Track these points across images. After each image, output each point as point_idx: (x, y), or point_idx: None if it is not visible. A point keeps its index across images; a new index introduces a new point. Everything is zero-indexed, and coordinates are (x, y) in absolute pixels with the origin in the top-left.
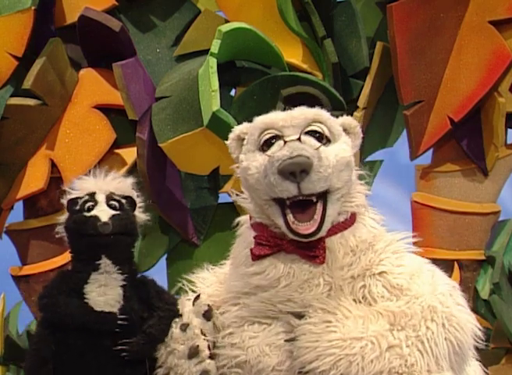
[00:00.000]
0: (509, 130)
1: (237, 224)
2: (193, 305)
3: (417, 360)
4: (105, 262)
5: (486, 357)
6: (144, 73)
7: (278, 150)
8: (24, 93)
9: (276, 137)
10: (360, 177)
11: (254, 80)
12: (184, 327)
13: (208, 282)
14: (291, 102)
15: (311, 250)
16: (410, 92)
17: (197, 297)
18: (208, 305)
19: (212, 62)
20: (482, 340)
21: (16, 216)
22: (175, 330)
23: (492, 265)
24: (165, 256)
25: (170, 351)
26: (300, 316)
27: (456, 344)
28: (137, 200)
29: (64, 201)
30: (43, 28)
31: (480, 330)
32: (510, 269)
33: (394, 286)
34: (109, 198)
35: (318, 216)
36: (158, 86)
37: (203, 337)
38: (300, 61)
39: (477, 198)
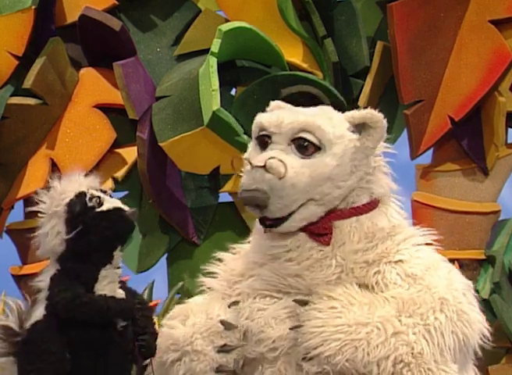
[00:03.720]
0: (509, 130)
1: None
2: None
3: (424, 348)
4: (117, 254)
5: (486, 356)
6: (145, 72)
7: (247, 172)
8: (24, 92)
9: (269, 138)
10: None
11: (254, 80)
12: (227, 324)
13: (227, 259)
14: (291, 102)
15: (317, 229)
16: (410, 91)
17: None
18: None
19: (212, 62)
20: (489, 340)
21: (16, 215)
22: (215, 324)
23: (493, 264)
24: (166, 256)
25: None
26: (304, 302)
27: (462, 340)
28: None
29: (49, 208)
30: (43, 27)
31: (488, 330)
32: (511, 268)
33: (409, 274)
34: (102, 191)
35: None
36: (158, 85)
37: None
38: (300, 60)
39: (477, 198)
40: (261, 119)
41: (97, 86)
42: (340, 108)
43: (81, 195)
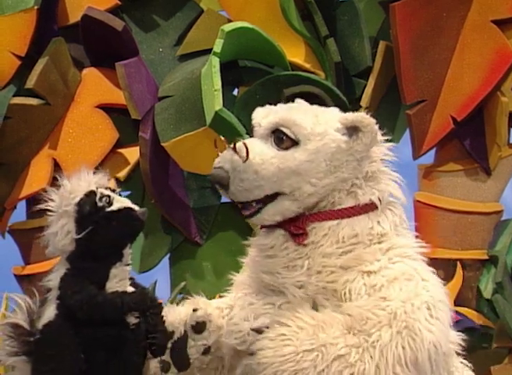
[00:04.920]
0: None
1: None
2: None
3: (366, 367)
4: (127, 252)
5: (489, 356)
6: (147, 72)
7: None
8: (27, 92)
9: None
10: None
11: (256, 80)
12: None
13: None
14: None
15: (293, 228)
16: (412, 91)
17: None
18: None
19: (215, 62)
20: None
21: (18, 215)
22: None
23: (495, 264)
24: (168, 256)
25: None
26: (260, 331)
27: (410, 353)
28: None
29: (58, 207)
30: (46, 28)
31: (441, 349)
32: None
33: (371, 285)
34: (111, 190)
35: (257, 206)
36: (160, 85)
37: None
38: (302, 60)
39: (480, 198)
40: (254, 113)
41: (100, 86)
42: (343, 108)
43: (91, 195)
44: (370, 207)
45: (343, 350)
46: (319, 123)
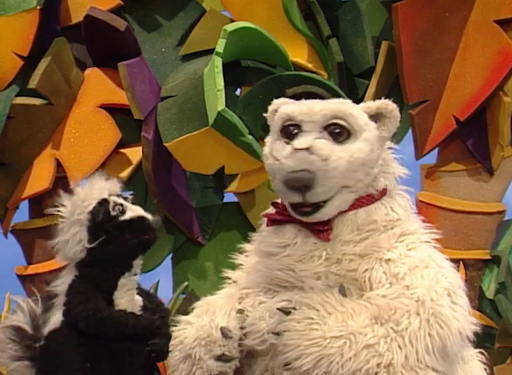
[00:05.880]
0: None
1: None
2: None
3: (395, 358)
4: (137, 263)
5: (492, 356)
6: (150, 72)
7: (287, 156)
8: (30, 92)
9: (298, 127)
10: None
11: (259, 80)
12: (226, 333)
13: (248, 251)
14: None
15: (318, 225)
16: (415, 91)
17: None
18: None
19: (217, 62)
20: (471, 341)
21: (21, 215)
22: (214, 332)
23: (498, 264)
24: (171, 256)
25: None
26: (287, 312)
27: (438, 341)
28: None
29: (71, 215)
30: (48, 27)
31: (471, 331)
32: None
33: (393, 274)
34: (124, 198)
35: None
36: (163, 85)
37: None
38: (305, 60)
39: (482, 198)
40: (286, 110)
41: (102, 86)
42: None
43: (104, 203)
44: (383, 193)
45: (372, 340)
46: (362, 113)
